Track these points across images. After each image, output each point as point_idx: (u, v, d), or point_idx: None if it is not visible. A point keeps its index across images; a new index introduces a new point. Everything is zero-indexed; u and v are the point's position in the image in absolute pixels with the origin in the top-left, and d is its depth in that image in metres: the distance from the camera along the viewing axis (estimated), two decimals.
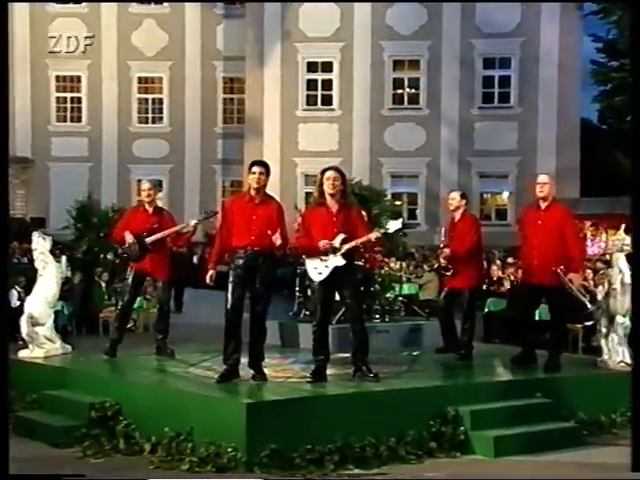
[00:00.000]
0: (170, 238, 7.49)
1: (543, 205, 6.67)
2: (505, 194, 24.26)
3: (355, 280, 6.10)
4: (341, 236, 5.94)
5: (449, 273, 7.25)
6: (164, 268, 7.53)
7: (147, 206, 7.50)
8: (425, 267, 16.14)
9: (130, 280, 7.45)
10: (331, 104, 23.75)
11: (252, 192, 5.99)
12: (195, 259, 19.96)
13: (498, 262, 17.82)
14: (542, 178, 6.74)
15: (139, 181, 26.53)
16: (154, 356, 7.45)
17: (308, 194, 23.14)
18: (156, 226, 7.39)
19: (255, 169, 5.98)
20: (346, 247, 5.92)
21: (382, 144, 23.48)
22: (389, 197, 19.16)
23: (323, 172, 6.03)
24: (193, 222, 7.43)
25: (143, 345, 8.02)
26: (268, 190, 6.10)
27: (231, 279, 5.95)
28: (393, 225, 5.97)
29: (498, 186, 23.91)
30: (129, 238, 7.35)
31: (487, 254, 18.22)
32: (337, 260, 5.91)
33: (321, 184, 6.01)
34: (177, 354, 7.48)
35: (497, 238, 20.28)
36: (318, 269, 5.98)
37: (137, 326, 12.47)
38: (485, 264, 17.42)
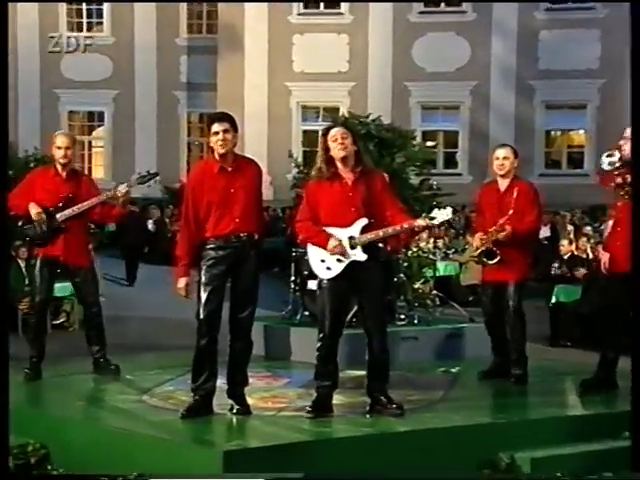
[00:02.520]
0: (93, 212, 7.42)
1: None
2: (581, 131, 24.17)
3: (377, 279, 6.11)
4: (362, 221, 5.97)
5: (494, 262, 7.20)
6: (83, 253, 7.51)
7: (60, 168, 7.40)
8: (469, 239, 16.14)
9: (38, 270, 7.36)
10: (338, 6, 23.56)
11: (219, 158, 6.03)
12: (150, 224, 20.13)
13: (570, 229, 17.77)
14: None
15: (71, 113, 26.57)
16: (94, 375, 7.48)
17: (306, 133, 23.21)
18: (71, 196, 7.31)
19: (216, 127, 5.98)
20: (369, 237, 5.94)
21: (409, 63, 23.44)
22: (419, 139, 19.49)
23: (325, 132, 6.09)
24: (123, 187, 7.31)
25: (80, 353, 8.05)
26: (253, 134, 6.11)
27: (205, 279, 5.98)
28: (440, 215, 5.94)
29: (572, 120, 23.82)
30: (35, 211, 7.23)
31: (553, 219, 18.24)
32: (356, 254, 5.96)
33: (326, 149, 6.04)
34: (124, 370, 7.51)
35: (569, 193, 20.28)
36: (326, 262, 6.03)
37: (70, 322, 12.54)
38: (548, 231, 17.50)
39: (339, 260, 5.97)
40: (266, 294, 6.93)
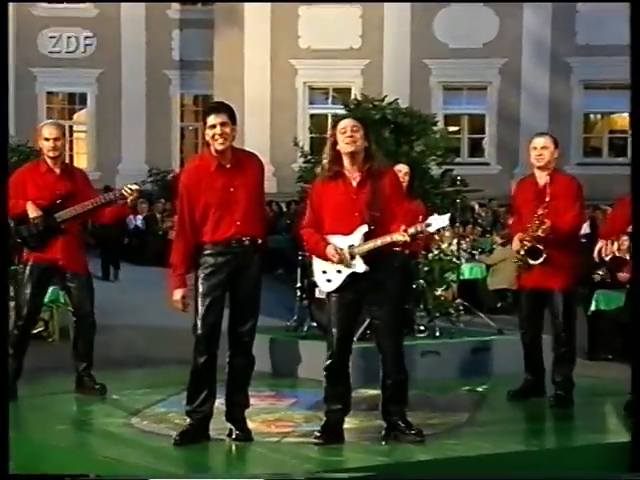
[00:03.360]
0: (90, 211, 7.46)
1: None
2: (625, 114, 24.05)
3: (391, 288, 6.10)
4: (362, 228, 5.99)
5: (540, 260, 7.19)
6: (81, 257, 7.57)
7: (51, 163, 7.44)
8: (497, 238, 16.12)
9: (28, 276, 7.38)
10: None
11: (216, 154, 6.05)
12: (139, 221, 20.24)
13: None
14: None
15: (49, 94, 26.57)
16: (76, 394, 7.49)
17: (314, 117, 23.22)
18: (68, 193, 7.37)
19: (212, 120, 6.00)
20: (366, 247, 5.97)
21: (430, 37, 23.44)
22: (440, 124, 19.41)
23: (335, 124, 6.11)
24: (132, 187, 7.36)
25: (60, 367, 8.05)
26: (253, 119, 6.15)
27: (203, 290, 6.01)
28: (436, 222, 5.96)
29: (614, 102, 23.63)
30: (34, 212, 7.30)
31: (594, 214, 18.17)
32: (355, 264, 6.00)
33: (334, 143, 6.06)
34: (111, 389, 7.53)
35: (610, 185, 20.22)
36: (327, 274, 6.09)
37: (50, 332, 12.55)
38: (588, 228, 17.41)
39: (339, 271, 6.01)
40: (269, 300, 6.98)
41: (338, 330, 6.05)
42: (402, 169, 8.67)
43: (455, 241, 11.93)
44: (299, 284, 9.11)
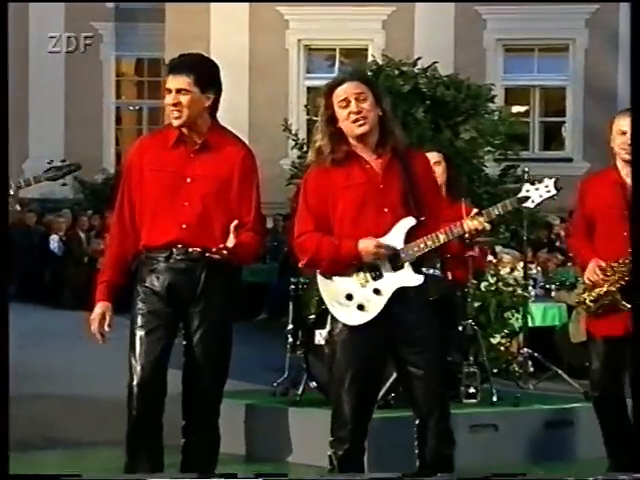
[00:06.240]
0: None
1: None
2: None
3: (430, 327, 6.18)
4: (407, 222, 6.09)
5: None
6: None
7: None
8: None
9: None
10: None
11: (175, 129, 6.23)
12: (53, 242, 20.32)
13: None
14: None
15: None
16: None
17: (312, 92, 23.22)
18: None
19: (170, 83, 6.19)
20: (417, 249, 6.07)
21: None
22: (499, 101, 19.13)
23: (329, 90, 6.21)
24: (27, 178, 7.48)
25: None
26: (225, 94, 6.37)
27: (138, 319, 6.22)
28: (536, 193, 6.06)
29: None
30: None
31: None
32: (402, 277, 6.08)
33: (332, 119, 6.16)
34: None
35: None
36: (357, 298, 6.11)
37: None
38: None
39: (377, 292, 6.06)
40: (247, 357, 7.28)
41: (353, 389, 6.07)
42: (432, 158, 8.57)
43: (521, 265, 11.92)
44: (290, 326, 9.17)
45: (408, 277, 6.05)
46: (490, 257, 11.98)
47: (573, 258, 10.44)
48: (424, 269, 6.24)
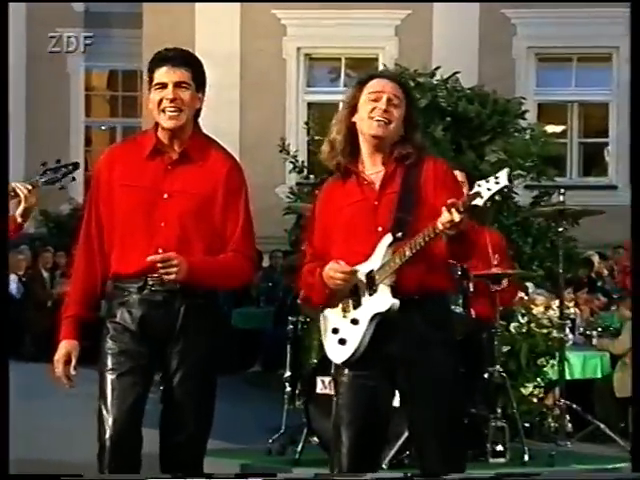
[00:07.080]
0: None
1: None
2: None
3: (449, 372, 6.28)
4: (384, 242, 6.19)
5: None
6: None
7: None
8: (626, 311, 15.77)
9: None
10: None
11: (161, 135, 6.34)
12: (13, 284, 20.47)
13: None
14: None
15: None
16: None
17: (314, 108, 23.10)
18: None
19: (163, 76, 6.28)
20: (391, 267, 6.14)
21: None
22: (531, 118, 19.10)
23: (363, 82, 6.38)
24: (25, 185, 7.74)
25: None
26: (209, 113, 6.66)
27: (108, 360, 6.30)
28: (484, 187, 5.96)
29: None
30: None
31: None
32: (376, 303, 6.16)
33: (354, 107, 6.31)
34: None
35: None
36: (340, 332, 6.28)
37: None
38: None
39: (354, 322, 6.17)
40: (239, 413, 7.71)
41: (354, 439, 6.22)
42: None
43: (556, 304, 11.91)
44: (288, 373, 9.29)
45: (381, 301, 6.16)
46: (521, 294, 12.19)
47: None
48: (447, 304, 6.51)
